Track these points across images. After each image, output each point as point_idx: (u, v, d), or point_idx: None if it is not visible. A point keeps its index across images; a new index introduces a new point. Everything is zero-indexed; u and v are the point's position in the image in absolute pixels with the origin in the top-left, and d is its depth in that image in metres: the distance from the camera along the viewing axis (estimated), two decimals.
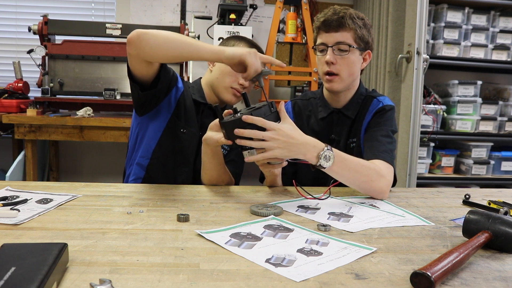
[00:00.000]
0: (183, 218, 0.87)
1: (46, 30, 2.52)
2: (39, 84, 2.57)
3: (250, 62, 1.08)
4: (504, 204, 1.08)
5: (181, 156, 1.41)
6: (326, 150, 1.04)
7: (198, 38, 2.72)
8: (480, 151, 2.74)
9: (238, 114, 1.03)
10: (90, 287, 0.55)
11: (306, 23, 2.73)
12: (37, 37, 2.58)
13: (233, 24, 2.58)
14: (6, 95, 2.53)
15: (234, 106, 1.10)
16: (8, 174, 2.33)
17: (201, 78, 1.52)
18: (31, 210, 0.91)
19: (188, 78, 2.68)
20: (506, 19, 2.75)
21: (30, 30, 2.54)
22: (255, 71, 1.10)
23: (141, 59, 1.18)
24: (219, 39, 2.48)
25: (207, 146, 1.20)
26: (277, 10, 2.74)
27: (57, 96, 2.58)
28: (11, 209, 0.89)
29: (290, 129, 1.03)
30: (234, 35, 1.55)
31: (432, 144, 2.66)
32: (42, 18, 2.53)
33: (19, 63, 2.67)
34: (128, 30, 2.57)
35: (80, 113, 2.42)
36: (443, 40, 2.65)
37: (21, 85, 2.64)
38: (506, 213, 0.90)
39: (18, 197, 1.00)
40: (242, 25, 2.63)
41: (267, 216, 0.93)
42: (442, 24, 2.64)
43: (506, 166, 2.80)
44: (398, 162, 2.42)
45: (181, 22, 2.76)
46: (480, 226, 0.78)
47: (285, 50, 3.18)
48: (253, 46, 1.45)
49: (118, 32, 2.56)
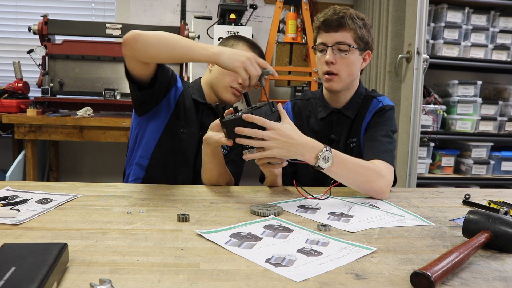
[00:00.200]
0: (183, 218, 0.87)
1: (46, 30, 2.52)
2: (39, 84, 2.57)
3: (243, 76, 1.07)
4: (504, 204, 1.08)
5: (181, 156, 1.41)
6: (325, 151, 1.04)
7: (198, 38, 2.72)
8: (480, 151, 2.74)
9: (239, 114, 1.03)
10: (90, 287, 0.55)
11: (306, 23, 2.73)
12: (37, 37, 2.58)
13: (233, 24, 2.58)
14: (6, 95, 2.54)
15: (235, 105, 1.10)
16: (8, 174, 2.33)
17: (200, 78, 1.52)
18: (31, 210, 0.91)
19: (188, 78, 2.68)
20: (506, 19, 2.75)
21: (30, 30, 2.54)
22: (252, 80, 1.09)
23: (137, 60, 1.18)
24: (219, 39, 2.48)
25: (208, 146, 1.20)
26: (277, 10, 2.74)
27: (57, 96, 2.58)
28: (11, 209, 0.89)
29: (290, 129, 1.03)
30: (233, 35, 1.54)
31: (432, 144, 2.66)
32: (42, 18, 2.53)
33: (19, 63, 2.67)
34: (128, 30, 2.53)
35: (80, 113, 2.42)
36: (443, 40, 2.65)
37: (21, 85, 2.64)
38: (506, 213, 0.90)
39: (18, 197, 1.00)
40: (242, 25, 2.63)
41: (267, 216, 0.93)
42: (442, 24, 2.64)
43: (506, 166, 2.80)
44: (398, 162, 2.42)
45: (181, 22, 2.76)
46: (480, 226, 0.78)
47: (285, 50, 3.18)
48: (252, 46, 1.45)
49: (118, 32, 2.56)
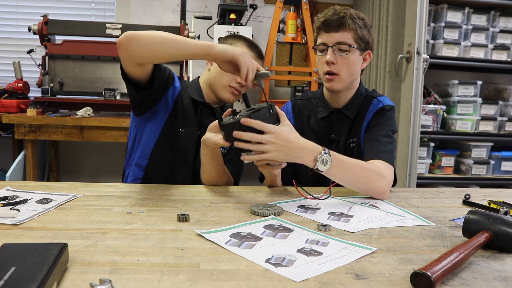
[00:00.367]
0: (183, 218, 0.87)
1: (46, 30, 2.52)
2: (39, 84, 2.57)
3: (242, 61, 1.06)
4: (504, 204, 1.08)
5: (180, 155, 1.41)
6: (324, 153, 1.03)
7: (198, 38, 2.72)
8: (480, 151, 2.74)
9: (238, 116, 1.03)
10: (90, 287, 0.55)
11: (306, 23, 2.73)
12: (37, 37, 2.58)
13: (233, 24, 2.58)
14: (6, 95, 2.54)
15: (233, 108, 1.10)
16: (8, 174, 2.33)
17: (199, 77, 1.52)
18: (31, 210, 0.91)
19: (188, 78, 2.68)
20: (506, 19, 2.75)
21: (30, 30, 2.54)
22: (251, 70, 1.08)
23: (132, 61, 1.18)
24: (219, 39, 2.48)
25: (206, 147, 1.20)
26: (277, 10, 2.74)
27: (57, 96, 2.58)
28: (11, 209, 0.89)
29: (288, 132, 1.02)
30: (232, 34, 1.55)
31: (432, 144, 2.66)
32: (42, 18, 2.53)
33: (19, 63, 2.67)
34: (128, 30, 2.53)
35: (80, 113, 2.42)
36: (443, 40, 2.64)
37: (21, 85, 2.64)
38: (506, 213, 0.90)
39: (18, 197, 1.00)
40: (242, 25, 2.63)
41: (267, 216, 0.93)
42: (442, 24, 2.64)
43: (506, 166, 2.80)
44: (398, 162, 2.42)
45: (181, 22, 2.76)
46: (480, 226, 0.78)
47: (285, 50, 3.18)
48: (252, 45, 1.45)
49: (118, 32, 2.56)
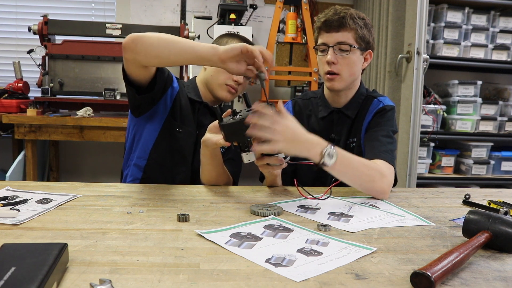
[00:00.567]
0: (183, 218, 0.87)
1: (46, 30, 2.52)
2: (39, 84, 2.57)
3: (251, 47, 1.03)
4: (504, 204, 1.08)
5: (178, 155, 1.41)
6: (330, 147, 1.03)
7: (198, 38, 2.72)
8: (480, 151, 2.74)
9: (238, 116, 1.03)
10: (90, 287, 0.55)
11: (306, 23, 2.73)
12: (37, 37, 2.58)
13: (233, 24, 2.58)
14: (6, 95, 2.54)
15: (233, 108, 1.09)
16: (8, 174, 2.33)
17: (196, 76, 1.53)
18: (31, 210, 0.91)
19: (188, 78, 2.68)
20: (506, 19, 2.75)
21: (30, 30, 2.54)
22: (264, 51, 1.04)
23: (137, 64, 1.18)
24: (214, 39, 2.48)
25: (206, 148, 1.20)
26: (277, 10, 2.74)
27: (57, 96, 2.58)
28: (11, 209, 0.89)
29: (296, 126, 1.02)
30: (227, 33, 1.54)
31: (432, 144, 2.66)
32: (42, 18, 2.53)
33: (19, 63, 2.67)
34: (128, 30, 2.57)
35: (80, 113, 2.42)
36: (443, 40, 2.64)
37: (21, 85, 2.64)
38: (506, 213, 0.90)
39: (18, 197, 1.00)
40: (242, 25, 2.64)
41: (267, 216, 0.93)
42: (442, 24, 2.64)
43: (506, 166, 2.80)
44: (398, 162, 2.42)
45: (181, 22, 2.76)
46: (480, 226, 0.78)
47: (285, 50, 3.18)
48: (246, 42, 1.45)
49: (118, 32, 2.56)
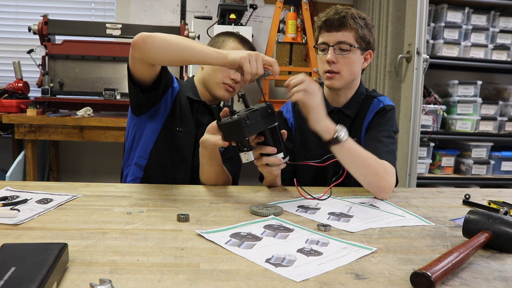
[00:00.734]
0: (183, 218, 0.87)
1: (46, 30, 2.52)
2: (39, 84, 2.57)
3: (246, 68, 1.04)
4: (504, 204, 1.08)
5: (178, 154, 1.41)
6: (341, 126, 1.09)
7: (198, 38, 2.72)
8: (480, 151, 2.74)
9: (235, 116, 1.03)
10: (90, 287, 0.55)
11: (306, 23, 2.73)
12: (37, 37, 2.58)
13: (233, 24, 2.58)
14: (6, 95, 2.53)
15: (232, 108, 1.10)
16: (8, 174, 2.33)
17: (193, 76, 1.53)
18: (31, 210, 0.91)
19: (188, 78, 2.67)
20: (506, 19, 2.75)
21: (30, 30, 2.54)
22: (253, 76, 1.06)
23: (145, 62, 1.18)
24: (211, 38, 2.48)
25: (205, 149, 1.20)
26: (277, 10, 2.74)
27: (57, 96, 2.58)
28: (11, 209, 0.89)
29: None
30: (223, 32, 1.53)
31: (432, 144, 2.66)
32: (42, 18, 2.53)
33: (19, 63, 2.67)
34: (128, 30, 2.57)
35: (80, 113, 2.42)
36: (443, 40, 2.64)
37: (21, 85, 2.64)
38: (506, 213, 0.90)
39: (18, 197, 1.00)
40: (242, 25, 2.63)
41: (267, 216, 0.93)
42: (442, 24, 2.64)
43: (506, 166, 2.80)
44: (398, 162, 2.42)
45: (181, 22, 2.76)
46: (480, 226, 0.78)
47: (285, 50, 3.18)
48: (243, 41, 1.45)
49: (118, 32, 2.56)
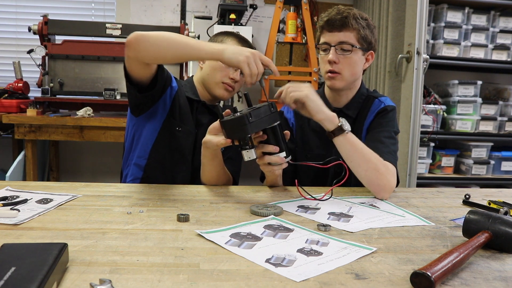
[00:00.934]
0: (183, 218, 0.87)
1: (46, 30, 2.52)
2: (39, 84, 2.57)
3: (247, 72, 1.04)
4: (504, 204, 1.08)
5: (178, 154, 1.41)
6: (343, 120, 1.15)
7: (198, 38, 2.71)
8: (480, 151, 2.74)
9: (238, 113, 1.03)
10: (90, 287, 0.55)
11: (306, 23, 2.73)
12: (37, 37, 2.58)
13: (233, 24, 2.57)
14: (6, 95, 2.53)
15: (234, 106, 1.10)
16: (8, 174, 2.33)
17: (193, 76, 1.53)
18: (31, 210, 0.91)
19: (188, 78, 2.68)
20: (506, 19, 2.75)
21: (30, 30, 2.54)
22: (254, 77, 1.05)
23: (139, 61, 1.18)
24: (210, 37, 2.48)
25: (207, 149, 1.20)
26: (277, 10, 2.73)
27: (57, 96, 2.58)
28: (11, 209, 0.89)
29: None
30: (222, 31, 1.53)
31: (432, 144, 2.66)
32: (42, 18, 2.52)
33: (19, 63, 2.67)
34: (128, 30, 2.56)
35: (80, 113, 2.42)
36: (443, 40, 2.64)
37: (21, 85, 2.64)
38: (506, 213, 0.90)
39: (18, 197, 1.00)
40: (242, 25, 2.63)
41: (267, 216, 0.93)
42: (442, 24, 2.64)
43: (506, 166, 2.79)
44: (398, 162, 2.41)
45: (181, 22, 2.76)
46: (480, 226, 0.78)
47: (285, 50, 3.18)
48: (241, 40, 1.44)
49: (118, 32, 2.56)
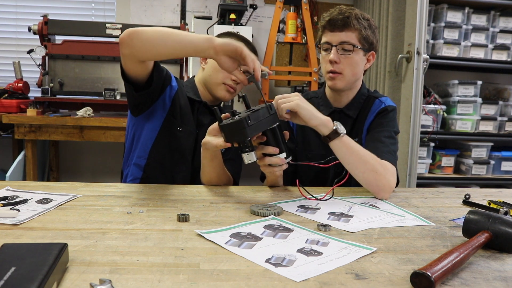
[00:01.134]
0: (183, 218, 0.87)
1: (46, 30, 2.52)
2: (39, 84, 2.57)
3: (246, 52, 1.04)
4: (504, 204, 1.08)
5: (178, 154, 1.41)
6: (338, 123, 1.12)
7: None
8: (480, 151, 2.74)
9: (237, 117, 1.03)
10: (90, 287, 0.55)
11: (306, 23, 2.73)
12: (37, 37, 2.58)
13: (233, 24, 2.58)
14: (6, 95, 2.54)
15: (232, 109, 1.10)
16: (8, 174, 2.33)
17: (194, 76, 1.53)
18: (31, 210, 0.91)
19: (188, 77, 2.68)
20: (506, 19, 2.75)
21: (30, 30, 2.54)
22: (256, 61, 1.06)
23: (134, 59, 1.17)
24: None
25: (206, 151, 1.20)
26: (277, 10, 2.74)
27: (57, 96, 2.58)
28: (11, 209, 0.89)
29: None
30: (223, 32, 1.54)
31: (432, 144, 2.66)
32: (42, 18, 2.53)
33: (19, 63, 2.67)
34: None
35: (80, 113, 2.42)
36: (443, 40, 2.64)
37: (21, 85, 2.64)
38: (506, 213, 0.90)
39: (18, 197, 1.00)
40: (242, 25, 2.63)
41: (267, 216, 0.93)
42: (442, 24, 2.64)
43: (506, 166, 2.80)
44: (398, 162, 2.41)
45: (181, 22, 2.76)
46: (480, 226, 0.78)
47: (285, 50, 3.18)
48: (243, 41, 1.44)
49: (118, 32, 2.56)
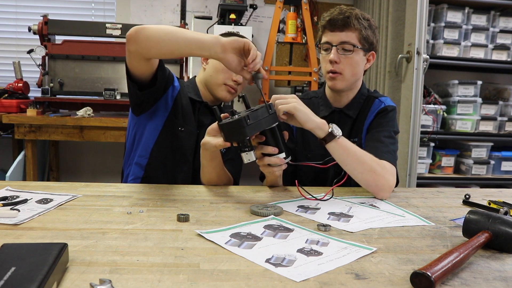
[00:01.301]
0: (183, 218, 0.87)
1: (46, 30, 2.52)
2: (39, 84, 2.57)
3: (252, 46, 1.05)
4: (504, 204, 1.08)
5: (179, 154, 1.41)
6: (334, 126, 1.13)
7: None
8: (480, 151, 2.74)
9: (236, 116, 1.03)
10: (90, 287, 0.55)
11: (306, 23, 2.73)
12: (37, 37, 2.58)
13: (233, 24, 2.58)
14: (6, 95, 2.54)
15: (232, 108, 1.10)
16: (8, 174, 2.33)
17: (195, 76, 1.53)
18: (31, 210, 0.91)
19: (188, 78, 2.68)
20: (506, 19, 2.75)
21: (30, 30, 2.54)
22: (259, 56, 1.06)
23: (140, 56, 1.18)
24: None
25: (206, 151, 1.20)
26: (277, 10, 2.74)
27: (57, 96, 2.58)
28: (11, 209, 0.89)
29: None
30: (224, 32, 1.55)
31: (432, 144, 2.66)
32: (42, 18, 2.53)
33: (19, 63, 2.67)
34: (128, 30, 2.56)
35: (80, 113, 2.42)
36: (443, 40, 2.64)
37: (21, 85, 2.64)
38: (506, 213, 0.90)
39: (18, 197, 1.00)
40: (242, 25, 2.64)
41: (267, 216, 0.93)
42: (442, 24, 2.64)
43: (506, 166, 2.80)
44: (398, 162, 2.41)
45: (181, 22, 2.76)
46: (480, 226, 0.78)
47: (285, 50, 3.18)
48: None
49: (118, 32, 2.56)
